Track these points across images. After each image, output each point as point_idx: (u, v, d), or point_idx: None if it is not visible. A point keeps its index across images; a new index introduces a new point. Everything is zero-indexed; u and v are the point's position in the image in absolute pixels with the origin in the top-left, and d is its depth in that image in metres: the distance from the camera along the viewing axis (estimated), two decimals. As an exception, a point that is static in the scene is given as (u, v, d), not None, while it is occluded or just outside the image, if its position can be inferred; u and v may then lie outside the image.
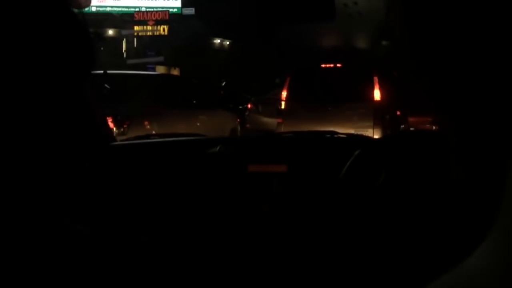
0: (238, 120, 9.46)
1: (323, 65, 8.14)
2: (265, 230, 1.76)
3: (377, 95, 7.45)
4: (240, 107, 8.84)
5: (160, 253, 0.57)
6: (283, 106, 7.83)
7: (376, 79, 7.47)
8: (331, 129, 5.15)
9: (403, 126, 8.27)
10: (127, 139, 2.34)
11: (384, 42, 18.23)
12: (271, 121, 9.64)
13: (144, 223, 1.81)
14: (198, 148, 1.95)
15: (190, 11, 18.56)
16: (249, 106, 10.30)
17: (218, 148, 1.86)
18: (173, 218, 1.82)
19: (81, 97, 1.62)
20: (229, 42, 19.98)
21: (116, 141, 2.10)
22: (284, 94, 7.89)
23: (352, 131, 6.78)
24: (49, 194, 0.56)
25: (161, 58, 17.36)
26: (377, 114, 7.42)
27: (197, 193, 1.81)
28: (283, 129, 7.59)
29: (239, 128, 8.96)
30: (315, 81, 7.90)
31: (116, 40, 19.36)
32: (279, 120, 7.82)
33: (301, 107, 7.76)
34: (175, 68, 18.14)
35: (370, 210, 0.66)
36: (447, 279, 0.40)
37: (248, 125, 9.80)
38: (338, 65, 8.17)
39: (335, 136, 2.24)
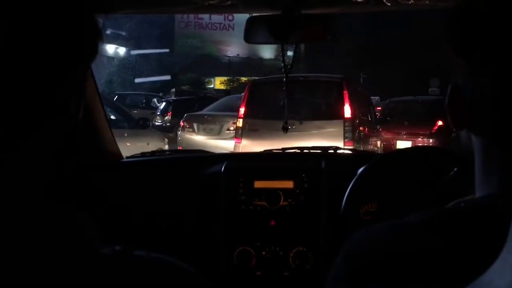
0: (167, 140, 8.16)
1: (285, 78, 7.14)
2: (273, 245, 1.77)
3: (347, 111, 6.65)
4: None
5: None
6: (240, 124, 6.70)
7: (346, 93, 6.67)
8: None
9: (373, 140, 7.63)
10: (132, 156, 2.16)
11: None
12: (208, 142, 8.46)
13: (151, 241, 1.80)
14: (203, 164, 1.94)
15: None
16: (181, 124, 8.96)
17: (224, 164, 1.86)
18: (179, 234, 1.83)
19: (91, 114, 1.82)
20: (125, 50, 18.23)
21: (123, 158, 2.07)
22: (241, 110, 6.76)
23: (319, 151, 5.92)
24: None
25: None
26: (347, 133, 6.63)
27: (202, 210, 1.82)
28: (241, 150, 6.53)
29: (166, 148, 7.51)
30: (277, 96, 6.89)
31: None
32: (237, 140, 6.69)
33: (261, 124, 6.72)
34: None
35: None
36: None
37: (180, 147, 8.48)
38: (302, 77, 7.24)
39: (338, 152, 2.21)
